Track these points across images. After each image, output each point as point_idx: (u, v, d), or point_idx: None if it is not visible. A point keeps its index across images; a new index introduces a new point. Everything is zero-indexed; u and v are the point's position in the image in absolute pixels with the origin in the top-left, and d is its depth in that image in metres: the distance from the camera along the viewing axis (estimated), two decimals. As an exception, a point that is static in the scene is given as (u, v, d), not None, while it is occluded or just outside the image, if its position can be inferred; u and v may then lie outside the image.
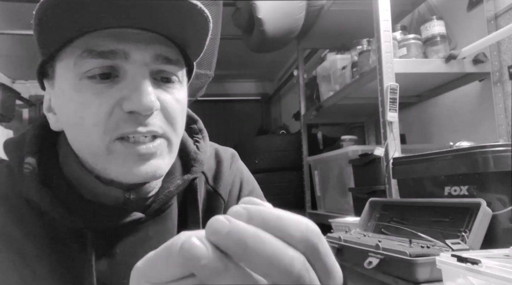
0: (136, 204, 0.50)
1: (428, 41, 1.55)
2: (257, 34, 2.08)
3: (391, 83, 1.41)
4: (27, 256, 0.46)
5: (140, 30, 0.45)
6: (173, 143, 0.49)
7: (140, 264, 0.24)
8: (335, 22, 2.15)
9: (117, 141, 0.45)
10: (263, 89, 4.55)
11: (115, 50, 0.44)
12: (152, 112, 0.45)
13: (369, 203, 1.25)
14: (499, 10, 1.50)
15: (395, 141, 1.39)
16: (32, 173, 0.47)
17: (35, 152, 0.49)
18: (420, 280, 0.79)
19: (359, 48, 1.80)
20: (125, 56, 0.44)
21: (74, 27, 0.43)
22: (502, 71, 1.50)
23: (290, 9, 2.04)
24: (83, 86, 0.44)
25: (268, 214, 0.22)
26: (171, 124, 0.48)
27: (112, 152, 0.45)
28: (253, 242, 0.20)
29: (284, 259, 0.20)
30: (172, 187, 0.53)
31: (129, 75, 0.45)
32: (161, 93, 0.47)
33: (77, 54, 0.44)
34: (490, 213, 0.86)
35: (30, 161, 0.48)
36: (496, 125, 1.50)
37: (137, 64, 0.45)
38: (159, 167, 0.47)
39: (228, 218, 0.21)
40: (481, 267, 0.62)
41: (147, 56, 0.45)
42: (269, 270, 0.20)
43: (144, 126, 0.45)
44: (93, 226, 0.48)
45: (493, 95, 1.52)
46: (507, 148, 0.91)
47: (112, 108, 0.44)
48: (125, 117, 0.44)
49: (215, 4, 1.79)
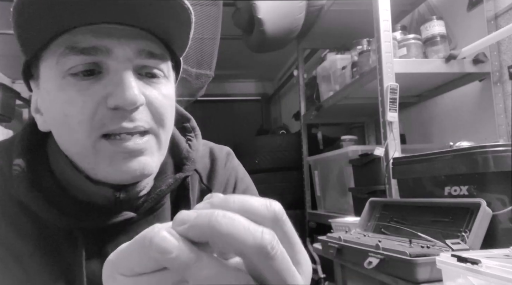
0: (127, 203, 0.50)
1: (428, 41, 1.55)
2: (257, 34, 2.08)
3: (391, 83, 1.41)
4: (18, 256, 0.46)
5: (122, 25, 0.45)
6: (162, 139, 0.48)
7: (112, 257, 0.24)
8: (335, 22, 2.15)
9: (103, 139, 0.44)
10: (263, 89, 4.55)
11: (97, 46, 0.43)
12: (136, 106, 0.44)
13: (369, 203, 1.25)
14: (499, 10, 1.50)
15: (395, 141, 1.39)
16: (21, 174, 0.47)
17: (24, 153, 0.49)
18: (420, 280, 0.79)
19: (359, 48, 1.80)
20: (108, 52, 0.43)
21: (53, 25, 0.43)
22: (502, 71, 1.50)
23: (290, 9, 2.04)
24: (67, 84, 0.44)
25: (231, 199, 0.23)
26: (159, 120, 0.47)
27: (99, 151, 0.44)
28: (221, 222, 0.21)
29: (255, 233, 0.21)
30: (164, 186, 0.53)
31: (112, 71, 0.44)
32: (146, 88, 0.46)
33: (59, 52, 0.43)
34: (490, 213, 0.86)
35: (18, 162, 0.48)
36: (496, 125, 1.50)
37: (119, 59, 0.44)
38: (148, 164, 0.46)
39: (193, 211, 0.22)
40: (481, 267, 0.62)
41: (129, 51, 0.44)
42: (242, 247, 0.21)
43: (129, 121, 0.44)
44: (84, 226, 0.48)
45: (493, 95, 1.52)
46: (507, 148, 0.90)
47: (97, 105, 0.43)
48: (110, 114, 0.43)
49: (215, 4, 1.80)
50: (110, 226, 0.49)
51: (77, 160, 0.47)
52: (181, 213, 0.22)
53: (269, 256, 0.21)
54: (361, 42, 1.81)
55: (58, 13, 0.41)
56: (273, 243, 0.21)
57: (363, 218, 1.23)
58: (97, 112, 0.43)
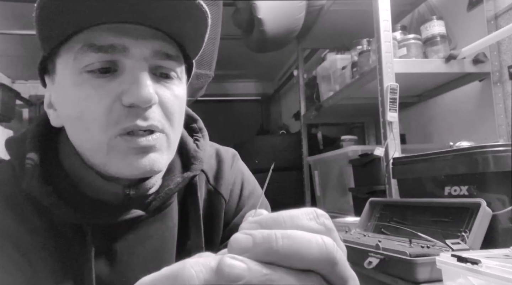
0: (136, 201, 0.51)
1: (428, 41, 1.55)
2: (257, 34, 2.08)
3: (391, 83, 1.41)
4: (27, 251, 0.46)
5: (140, 25, 0.46)
6: (171, 138, 0.49)
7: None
8: (335, 22, 2.15)
9: (119, 137, 0.45)
10: (263, 89, 4.55)
11: (115, 44, 0.44)
12: (151, 104, 0.45)
13: (369, 203, 1.25)
14: (499, 10, 1.50)
15: (395, 141, 1.39)
16: (34, 168, 0.47)
17: (37, 148, 0.49)
18: (420, 280, 0.79)
19: (359, 48, 1.80)
20: (124, 51, 0.44)
21: (74, 22, 0.44)
22: (502, 71, 1.50)
23: (290, 9, 2.04)
24: (83, 80, 0.45)
25: (280, 217, 0.22)
26: (169, 120, 0.48)
27: (113, 149, 0.45)
28: (284, 245, 0.20)
29: (319, 244, 0.21)
30: (172, 185, 0.53)
31: (128, 69, 0.45)
32: (159, 88, 0.47)
33: (77, 49, 0.44)
34: (490, 213, 0.86)
35: (32, 157, 0.48)
36: (496, 125, 1.50)
37: (136, 58, 0.45)
38: (157, 161, 0.47)
39: (247, 235, 0.21)
40: (481, 267, 0.62)
41: (146, 51, 0.45)
42: (311, 261, 0.21)
43: (143, 119, 0.45)
44: (94, 223, 0.48)
45: (493, 95, 1.52)
46: (507, 148, 0.90)
47: (112, 102, 0.44)
48: (125, 111, 0.44)
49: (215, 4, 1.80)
50: (119, 224, 0.49)
51: (89, 156, 0.48)
52: (237, 239, 0.21)
53: (336, 261, 0.21)
54: (361, 42, 1.81)
55: (79, 11, 0.42)
56: (336, 248, 0.21)
57: (363, 218, 1.23)
58: (112, 109, 0.44)
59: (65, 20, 0.43)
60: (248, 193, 0.63)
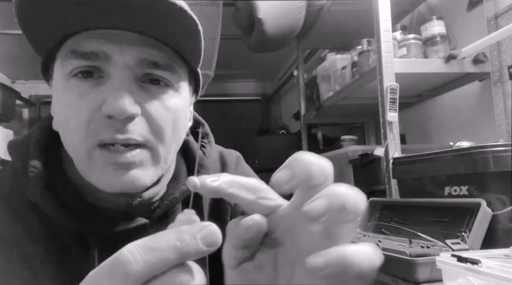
0: (139, 209, 0.49)
1: (428, 41, 1.55)
2: (257, 34, 2.08)
3: (391, 83, 1.41)
4: (29, 259, 0.46)
5: (127, 31, 0.43)
6: (160, 153, 0.46)
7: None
8: (335, 22, 2.15)
9: (97, 148, 0.43)
10: (263, 89, 4.55)
11: (97, 51, 0.42)
12: (127, 116, 0.42)
13: (369, 203, 1.25)
14: (499, 10, 1.50)
15: (395, 141, 1.39)
16: (37, 176, 0.46)
17: (41, 155, 0.48)
18: (420, 280, 0.79)
19: (359, 48, 1.80)
20: (106, 58, 0.42)
21: (55, 28, 0.42)
22: (502, 71, 1.50)
23: (290, 9, 2.04)
24: (69, 86, 0.43)
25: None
26: (157, 133, 0.45)
27: (92, 159, 0.43)
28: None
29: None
30: (177, 193, 0.52)
31: (111, 78, 0.43)
32: (146, 99, 0.44)
33: (63, 55, 0.44)
34: (490, 213, 0.86)
35: (35, 164, 0.47)
36: (496, 125, 1.50)
37: (119, 66, 0.43)
38: (139, 178, 0.44)
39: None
40: (481, 267, 0.62)
41: (129, 58, 0.43)
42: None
43: (122, 133, 0.42)
44: (97, 231, 0.48)
45: (493, 95, 1.52)
46: (507, 148, 0.90)
47: (93, 111, 0.42)
48: (104, 122, 0.42)
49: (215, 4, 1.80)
50: (123, 232, 0.48)
51: (76, 164, 0.46)
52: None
53: None
54: (361, 42, 1.81)
55: (59, 17, 0.41)
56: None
57: (363, 218, 1.23)
58: (92, 119, 0.42)
59: (45, 26, 0.41)
60: None
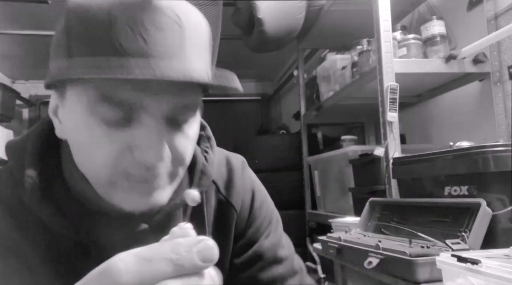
0: (140, 215, 0.49)
1: (428, 41, 1.55)
2: (257, 34, 2.08)
3: (391, 83, 1.41)
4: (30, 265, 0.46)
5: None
6: (179, 174, 0.48)
7: None
8: (335, 22, 2.15)
9: (123, 177, 0.43)
10: (263, 89, 4.55)
11: (132, 100, 0.41)
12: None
13: (369, 203, 1.25)
14: (499, 10, 1.50)
15: (395, 141, 1.39)
16: (34, 186, 0.46)
17: (37, 162, 0.48)
18: (420, 280, 0.79)
19: (359, 48, 1.80)
20: (142, 106, 0.41)
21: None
22: (502, 71, 1.50)
23: (290, 9, 2.04)
24: (95, 121, 0.42)
25: None
26: (179, 162, 0.46)
27: (115, 184, 0.43)
28: None
29: None
30: (178, 199, 0.52)
31: (144, 124, 0.42)
32: (172, 135, 0.44)
33: (92, 92, 0.41)
34: (490, 213, 0.86)
35: (31, 174, 0.46)
36: (496, 125, 1.50)
37: (153, 114, 0.42)
38: (160, 199, 0.46)
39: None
40: (481, 267, 0.61)
41: (165, 106, 0.42)
42: None
43: (152, 170, 0.43)
44: (96, 237, 0.48)
45: (493, 95, 1.52)
46: (507, 148, 0.90)
47: (122, 151, 0.42)
48: (135, 163, 0.42)
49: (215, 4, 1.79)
50: (123, 238, 0.48)
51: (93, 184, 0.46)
52: None
53: None
54: (361, 42, 1.81)
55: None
56: None
57: (363, 218, 1.23)
58: (122, 159, 0.42)
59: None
60: (259, 203, 0.62)
